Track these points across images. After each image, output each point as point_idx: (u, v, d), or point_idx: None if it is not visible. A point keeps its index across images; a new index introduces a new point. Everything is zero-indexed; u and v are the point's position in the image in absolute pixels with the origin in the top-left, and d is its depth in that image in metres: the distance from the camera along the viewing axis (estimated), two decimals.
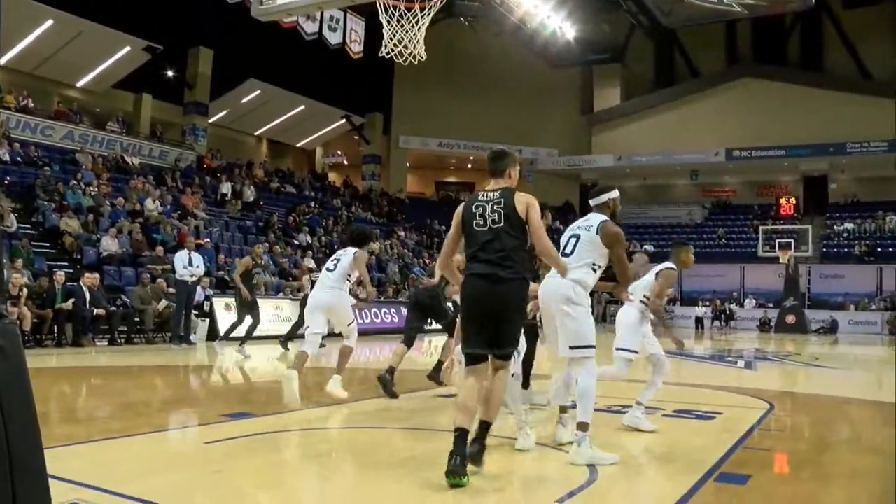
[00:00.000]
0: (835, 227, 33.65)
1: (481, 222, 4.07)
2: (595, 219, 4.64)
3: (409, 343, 7.37)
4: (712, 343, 19.49)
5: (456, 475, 3.75)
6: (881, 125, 33.41)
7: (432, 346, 15.24)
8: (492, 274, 3.90)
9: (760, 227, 31.50)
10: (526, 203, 4.10)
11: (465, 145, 39.09)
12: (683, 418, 6.66)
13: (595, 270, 4.48)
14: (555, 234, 5.32)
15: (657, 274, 5.81)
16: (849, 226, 33.27)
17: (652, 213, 38.40)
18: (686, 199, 38.88)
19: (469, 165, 42.08)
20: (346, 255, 6.71)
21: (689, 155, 36.80)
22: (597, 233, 4.52)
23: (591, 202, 4.84)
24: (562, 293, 4.39)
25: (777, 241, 29.07)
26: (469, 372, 3.98)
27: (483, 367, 3.99)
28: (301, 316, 12.36)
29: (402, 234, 30.68)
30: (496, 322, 3.91)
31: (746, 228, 35.39)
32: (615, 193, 4.84)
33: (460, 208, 4.22)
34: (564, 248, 4.57)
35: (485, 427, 4.08)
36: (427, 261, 28.19)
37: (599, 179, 39.87)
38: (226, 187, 25.08)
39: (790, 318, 25.82)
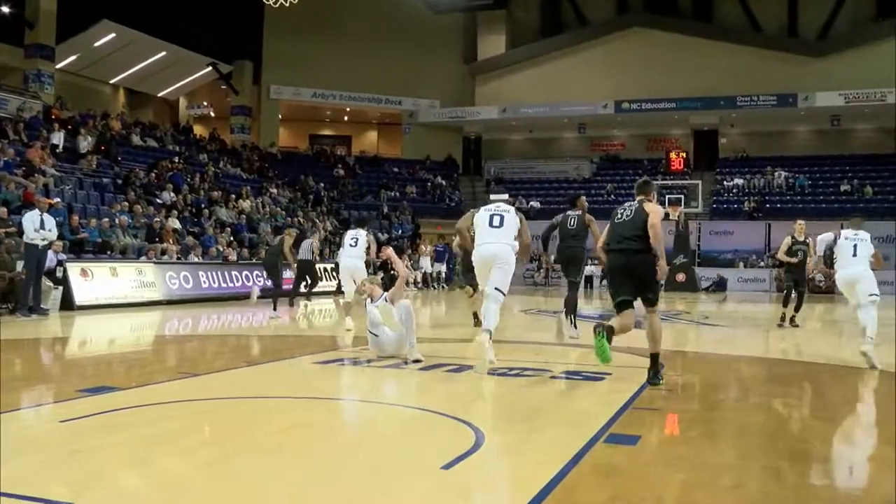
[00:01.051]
0: (724, 182, 35.34)
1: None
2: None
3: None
4: (602, 303, 20.15)
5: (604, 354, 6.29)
6: (771, 79, 35.26)
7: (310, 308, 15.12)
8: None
9: (655, 183, 32.93)
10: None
11: (341, 96, 38.33)
12: (572, 380, 6.83)
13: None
14: (441, 190, 5.42)
15: None
16: (738, 181, 35.01)
17: (538, 168, 39.16)
18: (574, 154, 39.86)
19: (346, 118, 41.40)
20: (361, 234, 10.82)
21: (577, 107, 37.62)
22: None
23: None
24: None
25: (667, 196, 30.37)
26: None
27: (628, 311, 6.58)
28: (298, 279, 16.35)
29: (274, 191, 29.96)
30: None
31: (628, 184, 36.91)
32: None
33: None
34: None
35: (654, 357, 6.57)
36: (301, 220, 27.66)
37: (483, 132, 40.40)
38: (78, 141, 23.63)
39: (680, 276, 26.55)
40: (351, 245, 11.13)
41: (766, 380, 7.36)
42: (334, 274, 21.26)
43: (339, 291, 16.53)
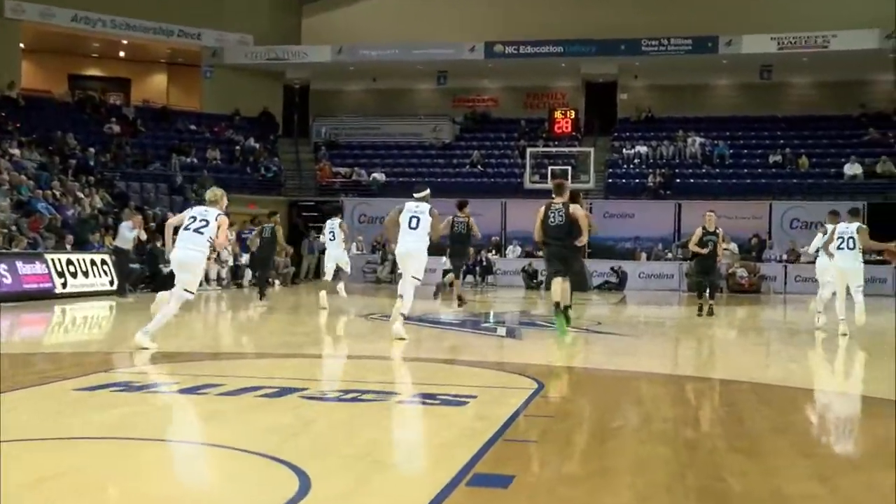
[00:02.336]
0: (624, 150, 36.54)
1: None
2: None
3: None
4: (464, 305, 20.49)
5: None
6: (685, 18, 36.73)
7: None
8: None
9: (528, 150, 33.66)
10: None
11: (114, 22, 36.76)
12: (427, 404, 6.94)
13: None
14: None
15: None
16: (641, 149, 36.33)
17: (386, 130, 39.39)
18: (431, 111, 40.24)
19: (121, 53, 39.88)
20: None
21: (436, 50, 38.01)
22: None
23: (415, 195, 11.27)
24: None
25: (550, 168, 31.11)
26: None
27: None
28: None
29: (15, 152, 28.51)
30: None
31: (510, 151, 37.59)
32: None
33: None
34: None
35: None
36: (58, 193, 26.47)
37: (311, 80, 40.10)
38: None
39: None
40: (330, 239, 15.53)
41: (674, 402, 7.73)
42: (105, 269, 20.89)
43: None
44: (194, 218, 10.59)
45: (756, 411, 7.26)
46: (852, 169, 32.86)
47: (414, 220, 12.02)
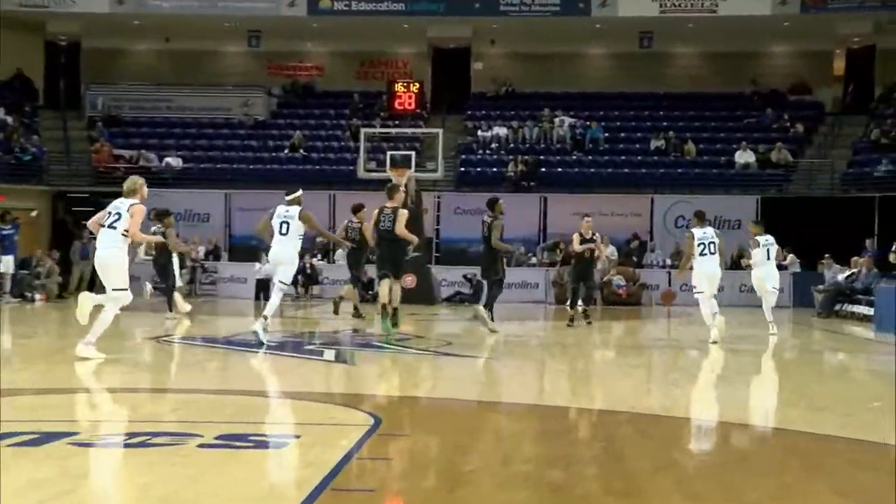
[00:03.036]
0: (479, 132, 36.99)
1: None
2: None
3: None
4: (282, 322, 20.38)
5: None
6: None
7: None
8: None
9: (363, 131, 33.55)
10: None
11: None
12: (236, 448, 6.84)
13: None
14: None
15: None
16: (500, 131, 36.83)
17: (182, 103, 38.88)
18: (241, 80, 40.07)
19: None
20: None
21: (247, 3, 37.74)
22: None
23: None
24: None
25: (389, 153, 30.92)
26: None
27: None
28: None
29: None
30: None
31: (340, 132, 37.66)
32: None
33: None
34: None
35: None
36: None
37: (82, 36, 38.95)
38: None
39: (409, 280, 27.33)
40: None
41: (538, 438, 7.84)
42: None
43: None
44: (109, 213, 12.02)
45: (636, 446, 7.43)
46: (744, 157, 34.08)
47: (284, 226, 14.32)
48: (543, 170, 35.00)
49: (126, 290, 12.08)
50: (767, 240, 18.22)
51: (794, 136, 35.63)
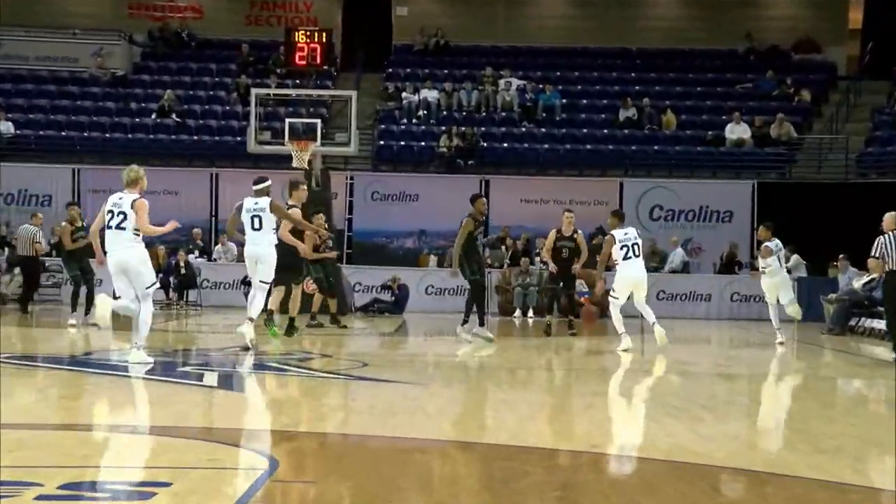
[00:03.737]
0: (403, 96, 37.15)
1: None
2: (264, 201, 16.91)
3: None
4: (150, 336, 20.16)
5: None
6: None
7: None
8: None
9: (254, 92, 33.34)
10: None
11: None
12: (83, 500, 6.67)
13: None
14: None
15: None
16: (429, 95, 36.99)
17: (13, 49, 38.53)
18: (94, 24, 39.75)
19: None
20: None
21: None
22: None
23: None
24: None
25: (288, 121, 30.72)
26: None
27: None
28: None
29: None
30: None
31: (224, 93, 37.77)
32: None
33: None
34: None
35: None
36: None
37: None
38: None
39: (311, 286, 27.20)
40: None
41: (477, 485, 7.75)
42: None
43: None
44: (112, 213, 13.96)
45: (598, 495, 7.38)
46: (737, 131, 34.44)
47: (256, 220, 16.50)
48: (484, 145, 35.23)
49: (156, 283, 14.96)
50: (778, 244, 20.31)
51: (799, 105, 36.00)
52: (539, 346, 20.28)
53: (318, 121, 31.15)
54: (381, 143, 35.53)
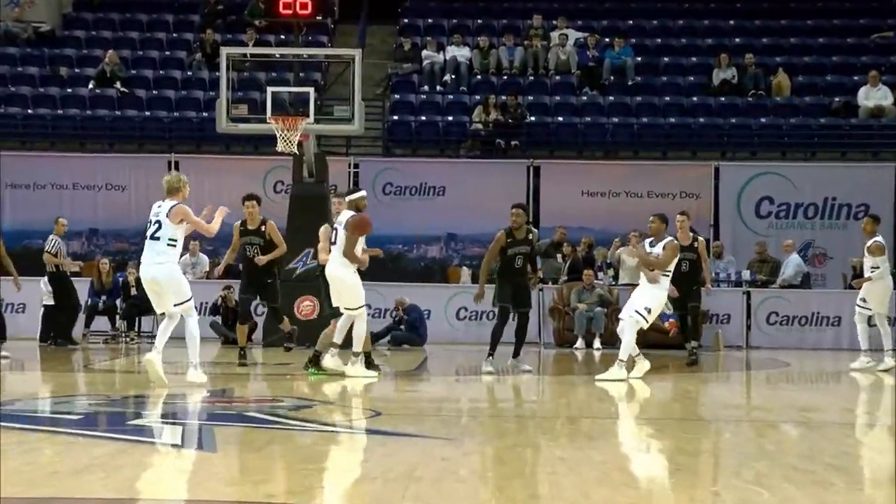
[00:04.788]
0: (423, 54, 37.42)
1: None
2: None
3: None
4: (86, 376, 20.25)
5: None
6: None
7: None
8: None
9: (225, 52, 33.38)
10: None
11: None
12: None
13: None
14: None
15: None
16: (459, 53, 37.21)
17: None
18: None
19: None
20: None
21: None
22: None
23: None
24: None
25: (269, 91, 30.77)
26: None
27: None
28: None
29: None
30: None
31: (184, 53, 38.13)
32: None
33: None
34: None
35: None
36: None
37: None
38: None
39: (306, 307, 27.02)
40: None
41: None
42: None
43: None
44: (150, 222, 16.82)
45: None
46: (873, 97, 34.35)
47: (335, 234, 19.96)
48: (532, 119, 35.30)
49: (190, 298, 17.52)
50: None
51: None
52: (608, 384, 20.19)
53: (311, 90, 30.89)
54: (395, 118, 35.77)
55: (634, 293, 20.53)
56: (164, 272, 16.90)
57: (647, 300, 19.61)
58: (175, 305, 17.05)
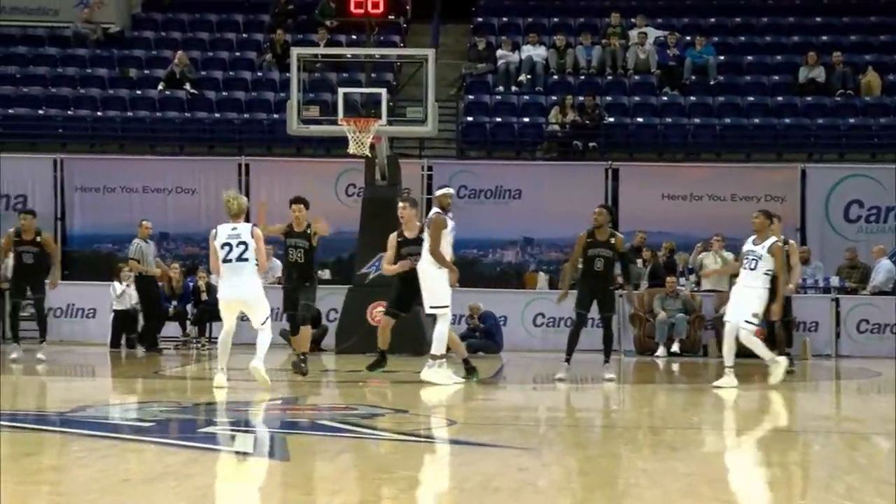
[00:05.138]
0: (498, 54, 37.30)
1: None
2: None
3: None
4: (158, 383, 20.27)
5: None
6: None
7: None
8: None
9: (296, 52, 33.15)
10: None
11: None
12: None
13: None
14: None
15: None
16: (535, 53, 37.13)
17: None
18: None
19: None
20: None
21: None
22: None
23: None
24: None
25: (341, 93, 30.62)
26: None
27: None
28: None
29: None
30: None
31: (254, 54, 38.22)
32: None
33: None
34: None
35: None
36: None
37: None
38: None
39: (377, 314, 27.14)
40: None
41: None
42: None
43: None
44: (229, 245, 18.13)
45: None
46: None
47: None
48: (611, 121, 35.26)
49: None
50: None
51: None
52: (692, 394, 20.14)
53: (383, 91, 30.92)
54: (469, 119, 35.72)
55: (736, 298, 20.67)
56: (255, 293, 18.58)
57: (754, 305, 19.81)
58: (262, 323, 18.72)
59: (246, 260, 18.11)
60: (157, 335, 28.89)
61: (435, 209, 20.61)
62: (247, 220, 19.60)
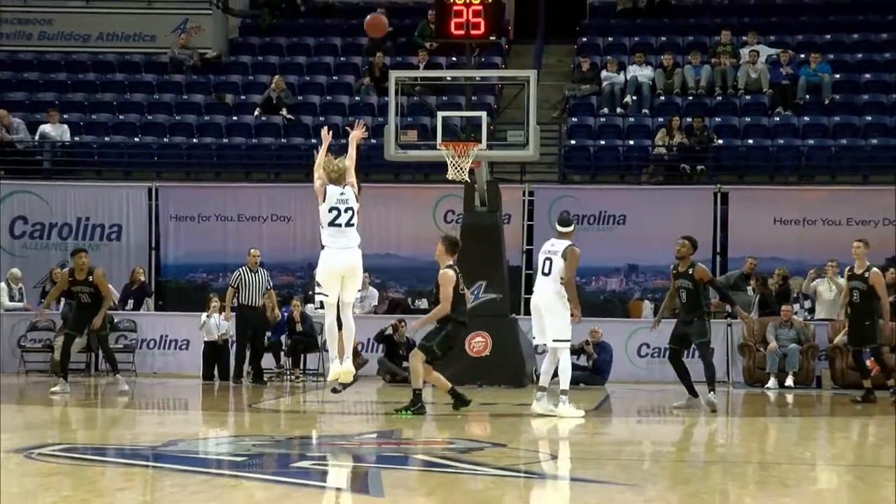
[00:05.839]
0: (603, 75, 37.45)
1: None
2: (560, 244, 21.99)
3: None
4: (251, 416, 20.45)
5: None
6: None
7: None
8: None
9: (394, 75, 33.17)
10: None
11: None
12: None
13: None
14: None
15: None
16: (641, 74, 37.24)
17: (68, 26, 39.70)
18: None
19: None
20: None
21: None
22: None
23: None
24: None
25: (441, 117, 30.59)
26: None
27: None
28: None
29: None
30: None
31: (352, 77, 38.53)
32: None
33: None
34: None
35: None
36: None
37: None
38: None
39: (479, 342, 27.01)
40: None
41: None
42: None
43: None
44: (337, 210, 18.49)
45: None
46: None
47: (547, 264, 21.22)
48: (720, 143, 35.21)
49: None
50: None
51: None
52: (804, 427, 20.10)
53: (483, 114, 30.88)
54: (573, 143, 35.84)
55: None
56: (360, 262, 18.53)
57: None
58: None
59: (352, 225, 18.31)
60: (258, 366, 28.91)
61: (566, 241, 21.65)
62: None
